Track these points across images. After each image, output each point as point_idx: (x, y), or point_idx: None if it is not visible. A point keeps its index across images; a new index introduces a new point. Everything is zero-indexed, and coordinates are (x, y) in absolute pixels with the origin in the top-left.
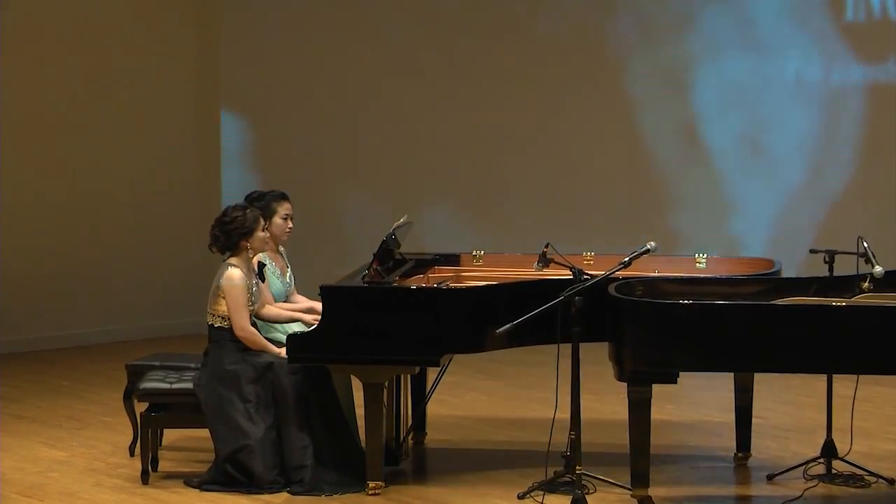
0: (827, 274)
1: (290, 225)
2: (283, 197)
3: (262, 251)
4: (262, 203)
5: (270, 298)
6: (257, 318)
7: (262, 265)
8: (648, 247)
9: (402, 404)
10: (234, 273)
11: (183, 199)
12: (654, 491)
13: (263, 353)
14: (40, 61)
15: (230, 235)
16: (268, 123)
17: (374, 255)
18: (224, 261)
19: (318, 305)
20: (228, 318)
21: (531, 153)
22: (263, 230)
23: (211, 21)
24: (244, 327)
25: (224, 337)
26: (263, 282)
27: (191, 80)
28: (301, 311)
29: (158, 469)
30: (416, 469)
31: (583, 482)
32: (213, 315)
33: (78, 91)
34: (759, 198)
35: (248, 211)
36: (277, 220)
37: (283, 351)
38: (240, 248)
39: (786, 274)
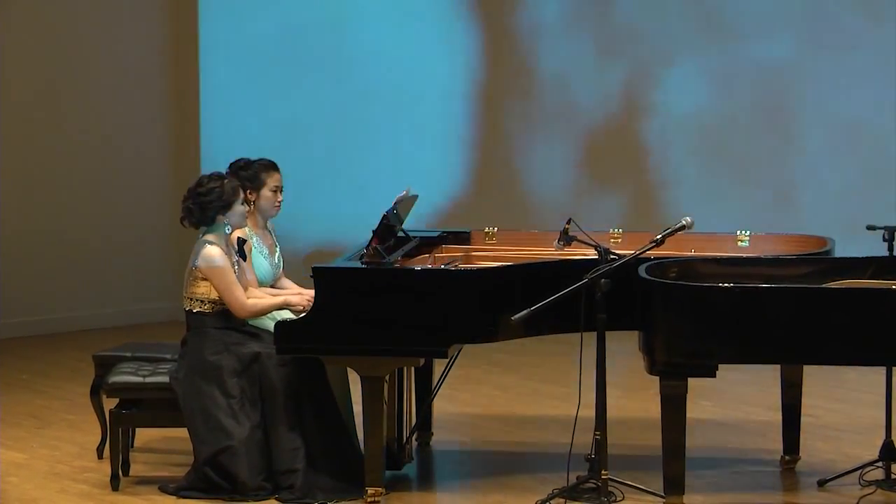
0: (886, 254)
1: (280, 198)
2: (273, 166)
3: (241, 227)
4: (248, 172)
5: (254, 281)
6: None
7: (242, 241)
8: (684, 222)
9: (406, 400)
10: (212, 251)
11: (157, 170)
12: (690, 498)
13: (249, 342)
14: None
15: (205, 209)
16: (252, 87)
17: (373, 232)
18: (200, 237)
19: (309, 291)
20: (208, 302)
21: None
22: (243, 203)
23: None
24: (244, 305)
25: (204, 324)
26: (245, 260)
27: (165, 39)
28: (291, 296)
29: (130, 473)
30: (420, 473)
31: (609, 489)
32: (191, 299)
33: (36, 58)
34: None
35: (225, 181)
36: (266, 192)
37: (296, 297)
38: (216, 224)
39: (840, 253)
